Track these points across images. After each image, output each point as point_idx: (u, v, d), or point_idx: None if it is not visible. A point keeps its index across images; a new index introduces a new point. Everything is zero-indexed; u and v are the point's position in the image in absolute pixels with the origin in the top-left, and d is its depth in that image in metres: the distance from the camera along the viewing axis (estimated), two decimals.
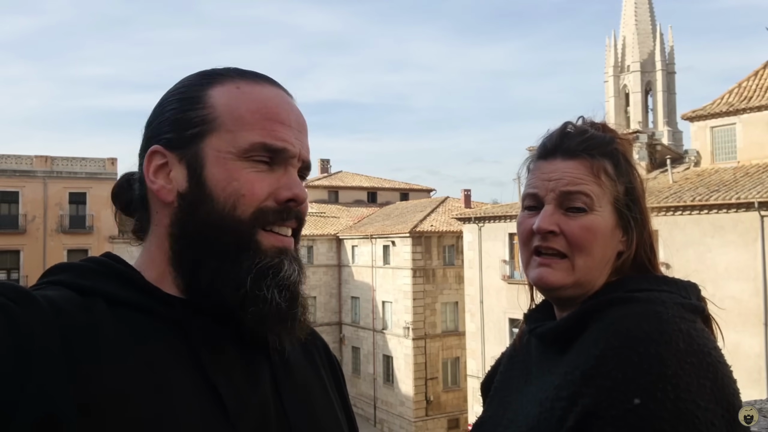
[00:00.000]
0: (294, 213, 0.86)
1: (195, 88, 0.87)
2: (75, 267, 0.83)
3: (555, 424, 0.91)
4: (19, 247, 30.78)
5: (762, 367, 14.80)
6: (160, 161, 0.85)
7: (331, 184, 43.07)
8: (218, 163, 0.82)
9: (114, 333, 0.74)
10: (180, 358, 0.77)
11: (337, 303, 34.87)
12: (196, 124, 0.84)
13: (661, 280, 1.03)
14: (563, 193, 1.03)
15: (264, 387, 0.84)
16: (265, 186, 0.83)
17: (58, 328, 0.70)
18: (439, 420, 29.23)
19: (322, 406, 0.93)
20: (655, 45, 71.77)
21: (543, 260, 1.04)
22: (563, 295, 1.05)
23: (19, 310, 0.68)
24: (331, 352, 1.07)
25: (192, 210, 0.83)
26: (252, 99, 0.85)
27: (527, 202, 1.09)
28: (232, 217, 0.82)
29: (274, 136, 0.84)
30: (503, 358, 1.23)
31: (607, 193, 1.04)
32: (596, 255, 1.02)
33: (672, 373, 0.83)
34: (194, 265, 0.82)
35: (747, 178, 17.23)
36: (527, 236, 1.07)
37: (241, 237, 0.82)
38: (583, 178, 1.03)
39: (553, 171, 1.06)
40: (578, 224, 1.02)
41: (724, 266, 15.67)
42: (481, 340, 22.99)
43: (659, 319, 0.89)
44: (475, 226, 23.72)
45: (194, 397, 0.75)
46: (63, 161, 32.34)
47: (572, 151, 1.06)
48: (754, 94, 19.66)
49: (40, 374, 0.66)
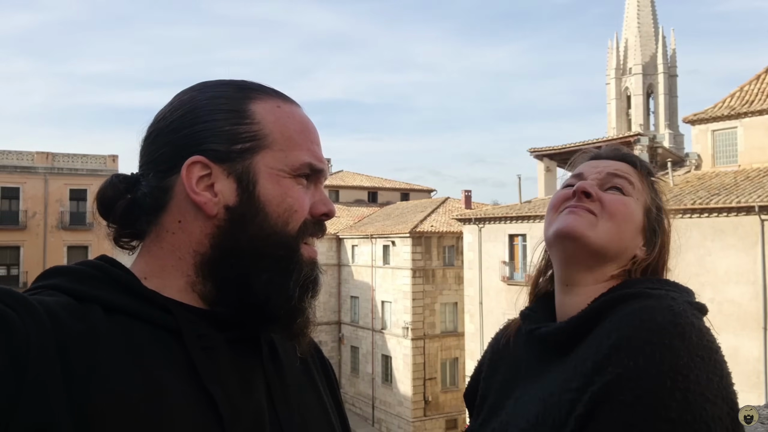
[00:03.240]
0: (324, 226, 0.92)
1: (237, 102, 0.87)
2: (71, 271, 0.82)
3: (564, 415, 0.92)
4: (20, 243, 30.82)
5: (761, 371, 14.78)
6: (202, 172, 0.84)
7: (332, 183, 43.07)
8: (272, 180, 0.86)
9: (110, 340, 0.74)
10: (175, 365, 0.77)
11: (337, 302, 34.87)
12: (246, 139, 0.85)
13: (664, 282, 1.05)
14: (609, 174, 1.10)
15: (258, 393, 0.84)
16: (306, 201, 0.88)
17: (55, 336, 0.69)
18: (437, 420, 29.23)
19: (316, 412, 0.93)
20: (657, 48, 71.77)
21: (572, 209, 1.06)
22: (578, 250, 1.04)
23: (16, 317, 0.68)
24: (323, 355, 1.07)
25: (243, 224, 0.84)
26: (296, 120, 0.90)
27: (568, 183, 1.14)
28: (284, 231, 0.86)
29: (316, 156, 0.90)
30: (483, 365, 1.22)
31: (642, 198, 1.10)
32: (621, 230, 1.05)
33: (683, 364, 0.84)
34: (241, 278, 0.84)
35: (748, 182, 17.24)
36: (559, 201, 1.11)
37: (291, 250, 0.86)
38: (629, 172, 1.12)
39: (600, 163, 1.14)
40: (615, 197, 1.07)
41: (724, 270, 15.68)
42: (480, 341, 22.98)
43: (672, 312, 0.90)
44: (475, 227, 23.73)
45: (189, 403, 0.75)
46: (64, 158, 32.38)
47: (622, 156, 1.16)
48: (755, 98, 19.67)
49: (35, 382, 0.65)
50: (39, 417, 0.65)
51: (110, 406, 0.69)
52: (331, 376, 1.06)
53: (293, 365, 0.94)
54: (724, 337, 0.88)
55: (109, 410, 0.69)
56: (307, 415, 0.90)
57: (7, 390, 0.64)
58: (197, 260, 0.84)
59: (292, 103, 0.93)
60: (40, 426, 0.64)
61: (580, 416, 0.89)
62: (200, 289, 0.84)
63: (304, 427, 0.88)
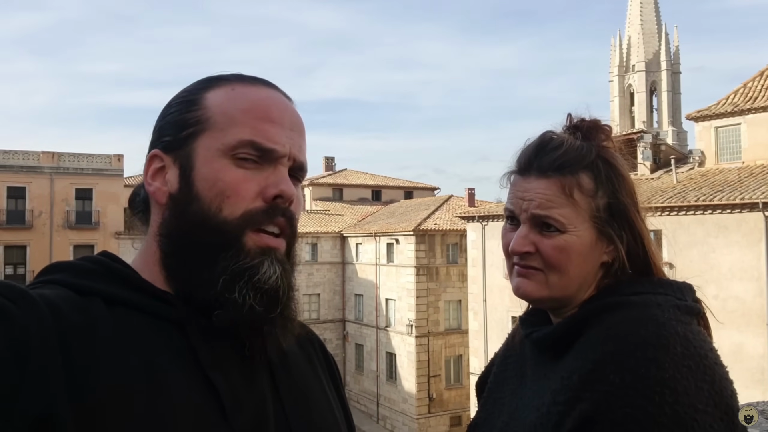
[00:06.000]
0: (281, 210, 0.83)
1: (194, 92, 0.88)
2: (72, 266, 0.82)
3: (552, 428, 0.91)
4: (26, 242, 30.94)
5: (765, 368, 14.72)
6: (158, 164, 0.86)
7: (336, 182, 43.10)
8: (206, 162, 0.82)
9: (111, 332, 0.74)
10: (177, 356, 0.77)
11: (341, 300, 34.90)
12: (191, 124, 0.85)
13: (656, 282, 1.01)
14: (534, 216, 1.02)
15: (261, 384, 0.84)
16: (252, 186, 0.82)
17: (56, 328, 0.69)
18: (442, 417, 29.24)
19: (320, 404, 0.93)
20: (661, 45, 71.46)
21: (521, 270, 1.04)
22: (542, 305, 1.06)
23: (17, 310, 0.68)
24: (327, 350, 1.07)
25: (180, 210, 0.83)
26: (244, 98, 0.85)
27: (507, 215, 1.09)
28: (217, 217, 0.81)
29: (263, 135, 0.83)
30: (497, 358, 1.23)
31: (582, 212, 1.01)
32: (571, 273, 1.01)
33: (669, 377, 0.83)
34: (178, 266, 0.82)
35: (751, 179, 17.17)
36: (507, 249, 1.06)
37: (226, 238, 0.80)
38: (554, 201, 1.01)
39: (526, 190, 1.04)
40: (552, 244, 1.00)
41: (728, 266, 15.61)
42: (483, 339, 23.01)
43: (656, 323, 0.89)
44: (478, 225, 23.72)
45: (191, 394, 0.75)
46: (69, 157, 32.46)
47: (544, 169, 1.02)
48: (759, 95, 19.58)
49: (37, 374, 0.65)
50: (41, 408, 0.65)
51: (111, 396, 0.69)
52: (334, 371, 1.05)
53: (298, 359, 0.95)
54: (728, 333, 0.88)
55: (110, 401, 0.69)
56: (311, 407, 0.90)
57: (9, 381, 0.64)
58: (159, 251, 0.85)
59: (252, 84, 0.88)
60: (42, 416, 0.64)
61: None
62: (167, 281, 0.84)
63: (308, 419, 0.88)
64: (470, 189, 33.83)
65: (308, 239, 33.55)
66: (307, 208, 38.94)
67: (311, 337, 1.04)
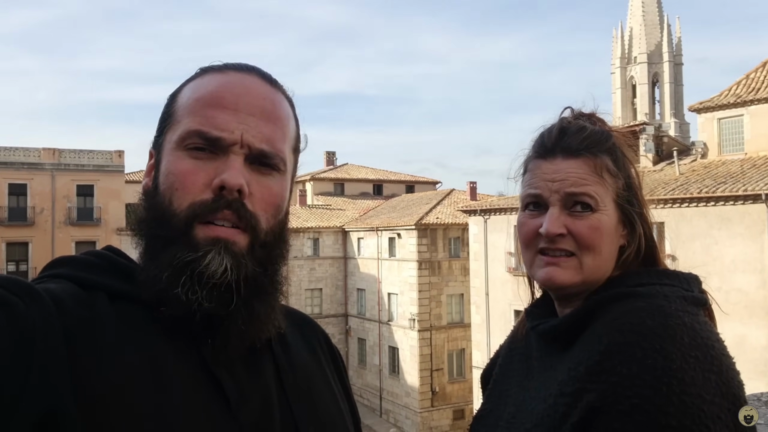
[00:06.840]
0: (227, 202, 0.78)
1: (179, 87, 0.88)
2: (76, 261, 0.82)
3: (559, 419, 0.91)
4: (28, 239, 30.98)
5: None
6: (151, 161, 0.87)
7: (337, 176, 43.05)
8: (165, 155, 0.82)
9: (116, 326, 0.74)
10: (181, 351, 0.77)
11: (343, 295, 34.95)
12: (164, 119, 0.86)
13: (662, 273, 1.02)
14: (568, 195, 1.01)
15: (266, 378, 0.84)
16: (201, 176, 0.78)
17: (61, 323, 0.69)
18: (445, 411, 29.33)
19: (325, 397, 0.93)
20: (663, 36, 71.18)
21: (550, 259, 1.02)
22: (571, 292, 1.04)
23: (22, 305, 0.68)
24: (332, 343, 1.07)
25: (147, 205, 0.83)
26: (203, 87, 0.83)
27: (529, 201, 1.06)
28: (170, 210, 0.79)
29: (210, 122, 0.79)
30: (502, 350, 1.23)
31: (610, 191, 1.02)
32: (604, 252, 1.01)
33: (677, 368, 0.83)
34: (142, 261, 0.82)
35: (754, 170, 17.13)
36: (531, 237, 1.04)
37: (174, 231, 0.78)
38: (587, 179, 1.01)
39: (555, 171, 1.02)
40: (586, 224, 1.00)
41: (731, 258, 15.62)
42: (486, 332, 23.03)
43: (663, 313, 0.89)
44: (480, 219, 23.70)
45: (196, 389, 0.75)
46: (70, 154, 32.45)
47: (573, 149, 1.03)
48: (762, 86, 19.50)
49: (42, 369, 0.66)
50: (45, 402, 0.65)
51: (116, 391, 0.69)
52: (339, 363, 1.05)
53: (302, 351, 0.95)
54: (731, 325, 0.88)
55: (115, 395, 0.69)
56: (316, 400, 0.90)
57: (14, 376, 0.64)
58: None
59: (222, 72, 0.85)
60: (46, 410, 0.64)
61: (575, 423, 0.88)
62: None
63: (314, 413, 0.88)
64: (472, 183, 33.91)
65: (310, 234, 33.62)
66: (309, 202, 38.98)
67: (315, 329, 1.04)
